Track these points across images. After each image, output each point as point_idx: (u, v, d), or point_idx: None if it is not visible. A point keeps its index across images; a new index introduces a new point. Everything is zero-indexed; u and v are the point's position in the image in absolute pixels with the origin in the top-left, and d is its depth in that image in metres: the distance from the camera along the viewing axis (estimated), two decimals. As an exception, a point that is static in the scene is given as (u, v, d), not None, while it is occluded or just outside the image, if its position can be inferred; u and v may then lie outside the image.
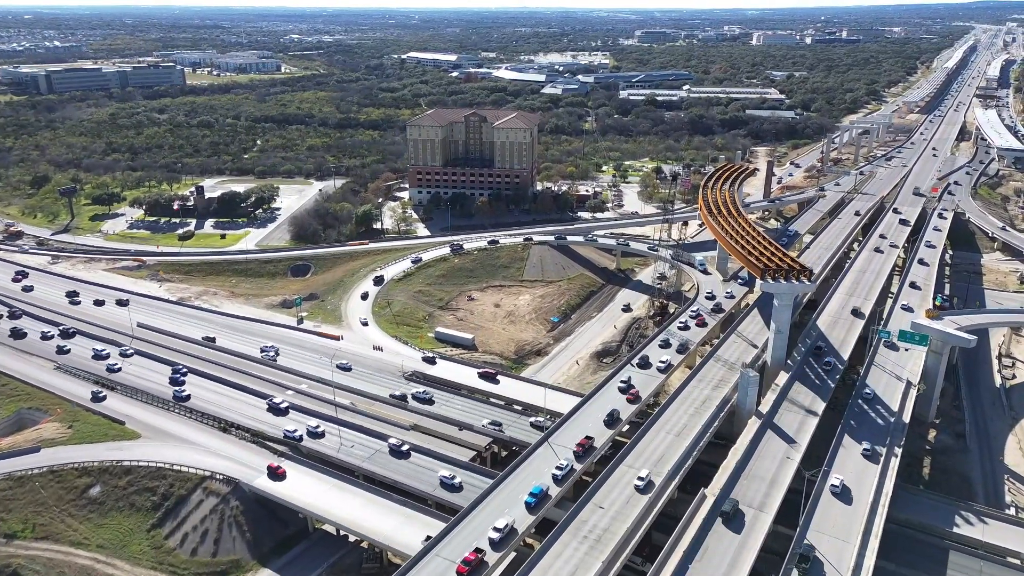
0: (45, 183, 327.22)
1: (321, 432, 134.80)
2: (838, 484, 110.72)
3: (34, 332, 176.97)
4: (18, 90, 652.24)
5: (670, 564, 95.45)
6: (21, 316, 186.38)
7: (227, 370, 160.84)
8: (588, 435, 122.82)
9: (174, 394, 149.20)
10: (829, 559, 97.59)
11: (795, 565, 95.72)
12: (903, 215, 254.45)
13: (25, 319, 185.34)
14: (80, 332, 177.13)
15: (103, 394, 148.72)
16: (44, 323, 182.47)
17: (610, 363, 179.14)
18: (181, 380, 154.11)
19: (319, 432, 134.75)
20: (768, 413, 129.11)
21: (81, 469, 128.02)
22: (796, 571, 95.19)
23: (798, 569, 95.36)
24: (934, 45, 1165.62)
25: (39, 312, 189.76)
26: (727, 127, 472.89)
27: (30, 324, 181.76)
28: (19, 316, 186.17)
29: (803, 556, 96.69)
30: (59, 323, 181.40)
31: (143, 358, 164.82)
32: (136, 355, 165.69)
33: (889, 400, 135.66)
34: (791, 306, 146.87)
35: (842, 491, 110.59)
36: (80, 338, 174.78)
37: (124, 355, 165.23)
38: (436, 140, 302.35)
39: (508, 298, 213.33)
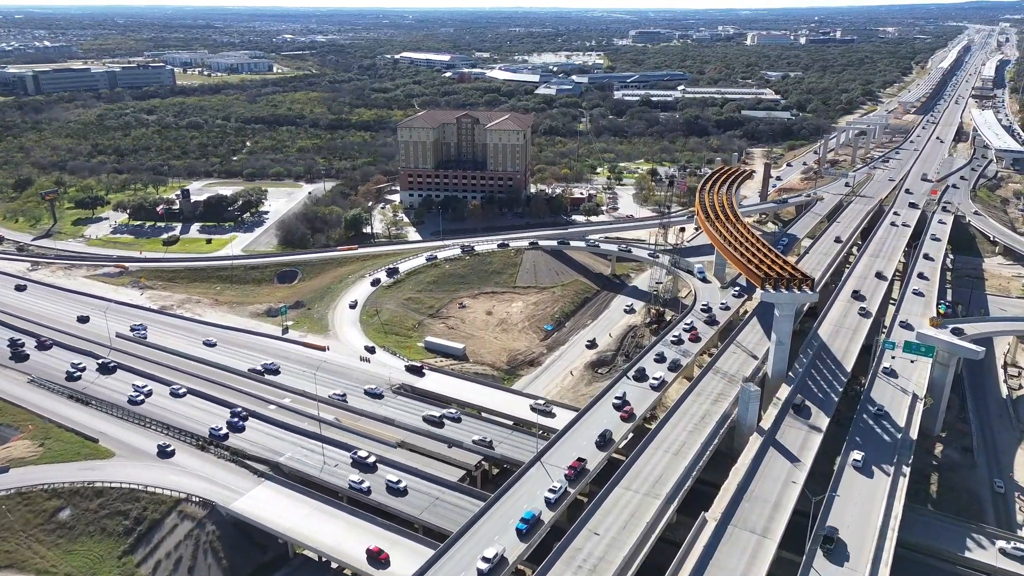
0: (28, 186, 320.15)
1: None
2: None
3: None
4: (5, 91, 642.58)
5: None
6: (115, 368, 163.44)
7: (211, 384, 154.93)
8: (580, 457, 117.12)
9: (130, 399, 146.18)
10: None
11: (819, 546, 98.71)
12: (902, 219, 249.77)
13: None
14: (57, 343, 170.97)
15: (171, 448, 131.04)
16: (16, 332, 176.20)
17: (605, 373, 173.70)
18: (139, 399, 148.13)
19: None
20: (770, 429, 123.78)
21: (51, 491, 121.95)
22: (820, 551, 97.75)
23: (822, 549, 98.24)
24: (928, 45, 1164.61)
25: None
26: (723, 128, 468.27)
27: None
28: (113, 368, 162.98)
29: (827, 537, 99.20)
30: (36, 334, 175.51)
31: (124, 372, 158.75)
32: (119, 368, 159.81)
33: (895, 415, 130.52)
34: (792, 316, 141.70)
35: (846, 521, 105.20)
36: (57, 349, 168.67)
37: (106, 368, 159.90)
38: (428, 142, 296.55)
39: (500, 305, 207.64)
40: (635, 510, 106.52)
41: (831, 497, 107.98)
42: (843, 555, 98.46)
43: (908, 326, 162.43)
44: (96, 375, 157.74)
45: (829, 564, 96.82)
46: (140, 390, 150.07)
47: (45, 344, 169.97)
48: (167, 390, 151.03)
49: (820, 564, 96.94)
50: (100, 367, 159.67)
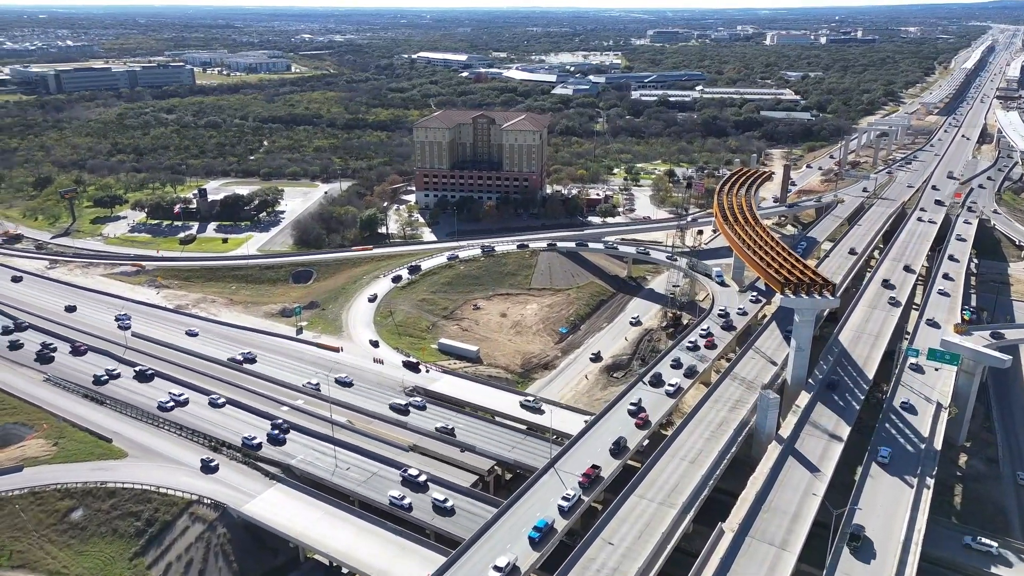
0: (48, 184, 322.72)
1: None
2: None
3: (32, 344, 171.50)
4: (27, 89, 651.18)
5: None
6: (27, 328, 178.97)
7: (223, 384, 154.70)
8: (595, 464, 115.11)
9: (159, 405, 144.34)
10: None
11: (846, 543, 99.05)
12: (926, 222, 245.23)
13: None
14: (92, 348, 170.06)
15: (215, 463, 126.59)
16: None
17: (620, 377, 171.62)
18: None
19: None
20: (789, 438, 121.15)
21: (64, 491, 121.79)
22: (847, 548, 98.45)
23: (848, 547, 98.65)
24: (951, 45, 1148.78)
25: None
26: (741, 129, 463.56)
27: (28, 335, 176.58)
28: (25, 328, 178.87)
29: (853, 535, 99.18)
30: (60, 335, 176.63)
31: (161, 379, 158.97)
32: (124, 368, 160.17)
33: (919, 424, 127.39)
34: (813, 322, 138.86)
35: (869, 531, 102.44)
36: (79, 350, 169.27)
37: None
38: (443, 142, 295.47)
39: (515, 307, 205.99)
40: (650, 519, 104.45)
41: (852, 510, 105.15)
42: (866, 568, 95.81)
43: (935, 323, 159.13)
44: (130, 381, 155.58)
45: None
46: (176, 398, 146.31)
47: (80, 349, 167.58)
48: (204, 399, 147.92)
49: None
50: (137, 374, 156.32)
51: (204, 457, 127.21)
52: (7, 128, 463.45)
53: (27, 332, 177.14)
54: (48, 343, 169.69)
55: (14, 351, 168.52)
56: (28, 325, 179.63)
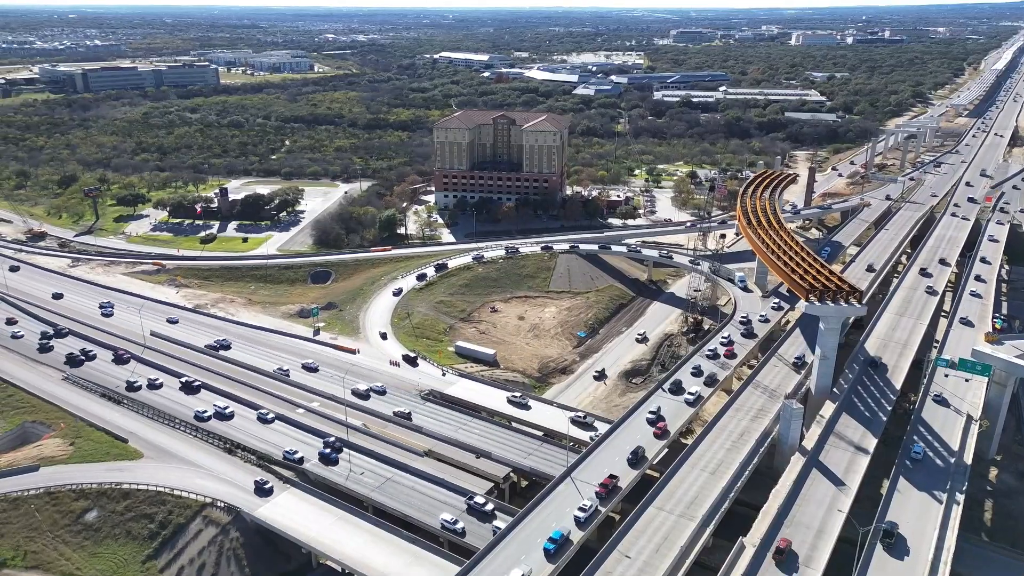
0: (72, 183, 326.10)
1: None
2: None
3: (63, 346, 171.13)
4: (55, 88, 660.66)
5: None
6: (67, 334, 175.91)
7: (238, 384, 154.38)
8: (612, 474, 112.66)
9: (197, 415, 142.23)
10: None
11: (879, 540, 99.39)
12: (955, 226, 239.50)
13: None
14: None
15: (269, 485, 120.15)
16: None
17: (640, 383, 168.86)
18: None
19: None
20: (813, 450, 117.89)
21: (79, 491, 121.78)
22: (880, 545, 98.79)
23: (881, 544, 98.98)
24: (981, 46, 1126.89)
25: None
26: (765, 130, 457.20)
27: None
28: (65, 334, 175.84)
29: (887, 532, 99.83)
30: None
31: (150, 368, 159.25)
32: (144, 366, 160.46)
33: (948, 437, 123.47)
34: (838, 330, 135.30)
35: (897, 544, 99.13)
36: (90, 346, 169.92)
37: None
38: (463, 143, 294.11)
39: (533, 310, 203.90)
40: (669, 532, 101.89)
41: (879, 527, 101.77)
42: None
43: (967, 323, 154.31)
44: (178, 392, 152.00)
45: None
46: (221, 411, 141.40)
47: (123, 357, 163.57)
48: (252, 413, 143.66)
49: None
50: (184, 386, 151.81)
51: (258, 479, 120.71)
52: (34, 127, 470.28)
53: (67, 338, 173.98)
54: (87, 349, 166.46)
55: (44, 353, 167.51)
56: (68, 331, 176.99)
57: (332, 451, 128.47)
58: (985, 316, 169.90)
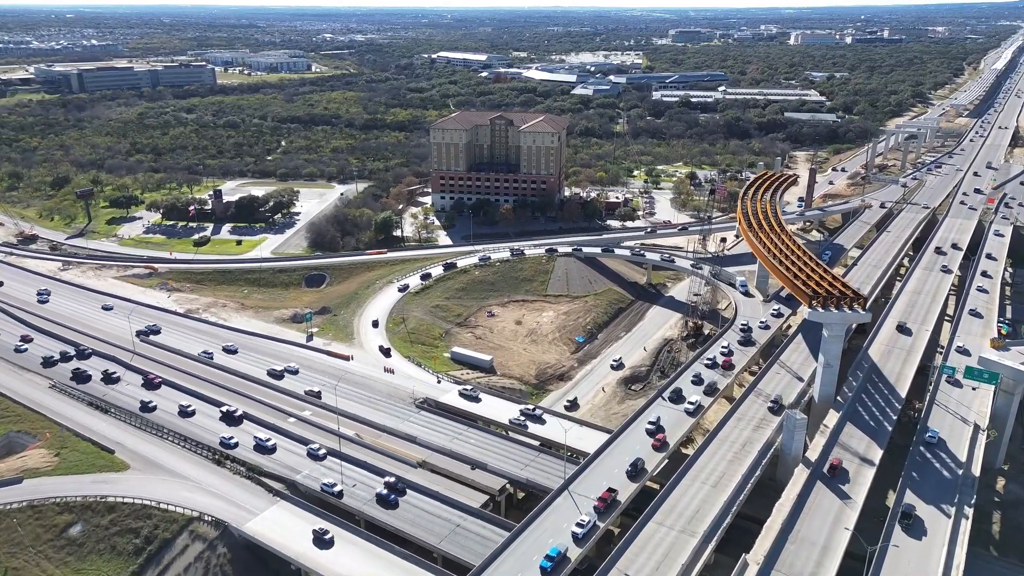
0: (65, 184, 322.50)
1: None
2: None
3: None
4: (51, 88, 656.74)
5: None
6: (91, 355, 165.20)
7: (229, 392, 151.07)
8: (611, 487, 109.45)
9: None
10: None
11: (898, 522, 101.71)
12: (958, 229, 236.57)
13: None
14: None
15: (329, 535, 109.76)
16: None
17: (639, 390, 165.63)
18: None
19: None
20: (817, 461, 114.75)
21: (63, 504, 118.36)
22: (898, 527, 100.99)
23: (900, 525, 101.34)
24: (980, 45, 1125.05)
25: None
26: (765, 131, 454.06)
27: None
28: (88, 355, 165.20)
29: (905, 513, 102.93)
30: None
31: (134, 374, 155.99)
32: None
33: (955, 447, 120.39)
34: (842, 337, 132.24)
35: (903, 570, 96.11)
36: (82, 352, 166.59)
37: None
38: (460, 144, 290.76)
39: (531, 315, 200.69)
40: (669, 549, 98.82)
41: (885, 546, 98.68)
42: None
43: (965, 352, 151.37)
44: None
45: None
46: (263, 443, 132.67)
47: (153, 382, 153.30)
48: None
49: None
50: (225, 415, 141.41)
51: (317, 528, 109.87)
52: (28, 127, 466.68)
53: (92, 359, 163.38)
54: (112, 371, 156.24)
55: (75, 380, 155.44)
56: (91, 351, 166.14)
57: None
58: (990, 322, 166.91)
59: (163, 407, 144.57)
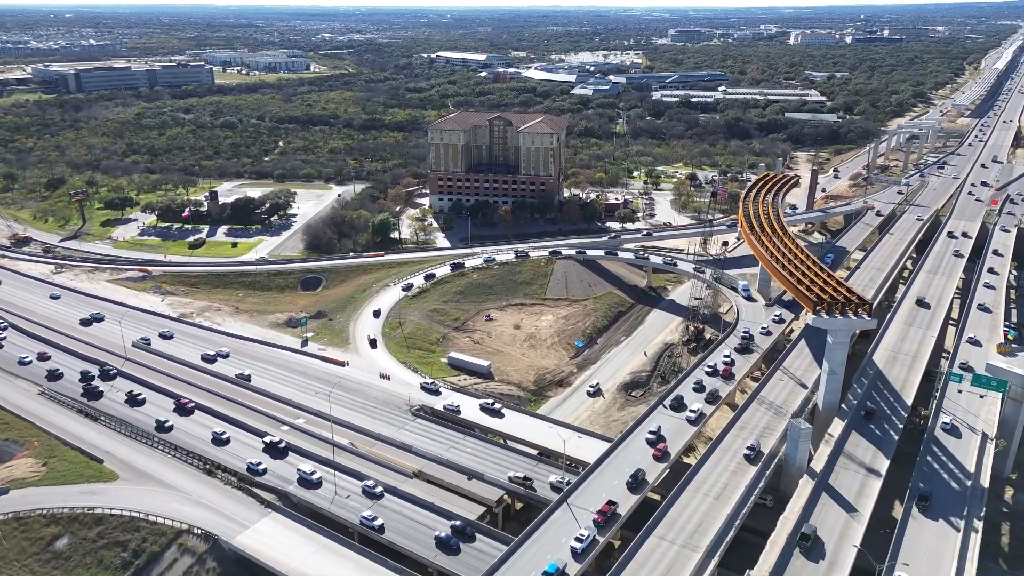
0: (60, 185, 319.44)
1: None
2: None
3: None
4: (48, 88, 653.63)
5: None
6: (116, 375, 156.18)
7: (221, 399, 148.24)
8: (611, 500, 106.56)
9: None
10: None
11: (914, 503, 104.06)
12: (962, 231, 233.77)
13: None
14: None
15: None
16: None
17: (639, 396, 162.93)
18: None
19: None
20: (822, 473, 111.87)
21: (49, 516, 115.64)
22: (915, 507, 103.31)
23: (917, 506, 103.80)
24: (980, 45, 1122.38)
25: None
26: (765, 131, 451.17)
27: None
28: (114, 376, 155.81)
29: (922, 495, 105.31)
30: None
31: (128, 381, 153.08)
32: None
33: (963, 457, 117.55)
34: (847, 344, 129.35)
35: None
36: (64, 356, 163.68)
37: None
38: (459, 145, 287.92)
39: (529, 319, 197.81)
40: (671, 564, 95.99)
41: (892, 565, 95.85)
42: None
43: (976, 342, 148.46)
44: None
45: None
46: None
47: (187, 408, 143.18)
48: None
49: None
50: (269, 447, 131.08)
51: None
52: (24, 128, 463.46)
53: (117, 380, 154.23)
54: (137, 393, 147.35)
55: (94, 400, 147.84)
56: (117, 371, 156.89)
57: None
58: (996, 326, 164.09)
59: (150, 412, 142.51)
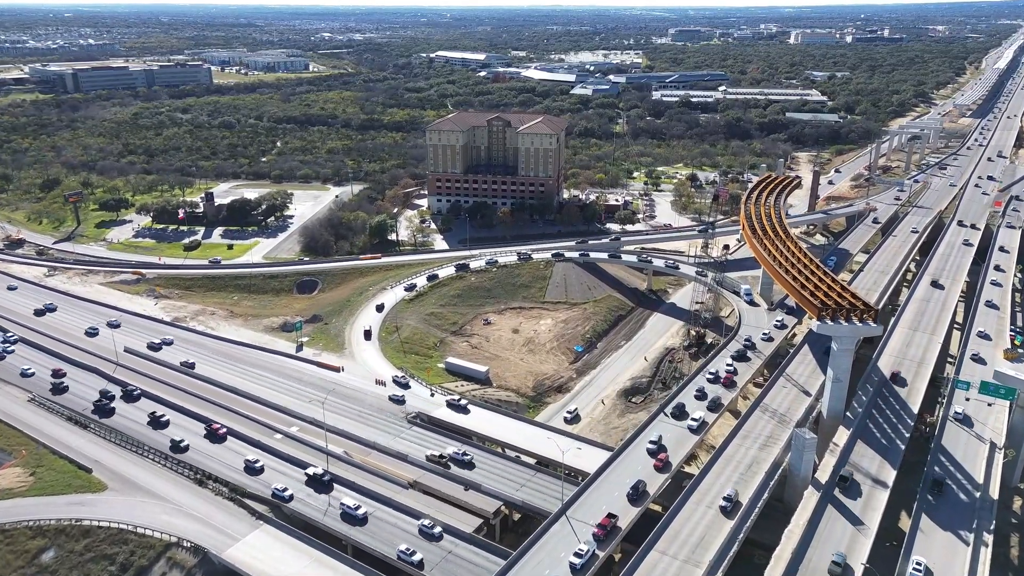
0: (55, 186, 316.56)
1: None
2: None
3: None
4: (45, 88, 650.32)
5: None
6: (139, 396, 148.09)
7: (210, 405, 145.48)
8: (611, 512, 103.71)
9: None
10: None
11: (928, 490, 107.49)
12: (965, 233, 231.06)
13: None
14: None
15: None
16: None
17: (640, 403, 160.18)
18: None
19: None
20: (828, 484, 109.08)
21: (36, 528, 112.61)
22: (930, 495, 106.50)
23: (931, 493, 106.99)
24: (981, 44, 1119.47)
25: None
26: (766, 131, 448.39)
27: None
28: (137, 396, 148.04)
29: (936, 481, 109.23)
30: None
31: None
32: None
33: (971, 468, 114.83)
34: (852, 351, 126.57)
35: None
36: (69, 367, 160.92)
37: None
38: (457, 145, 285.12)
39: (528, 322, 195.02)
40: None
41: (902, 572, 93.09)
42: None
43: (980, 357, 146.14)
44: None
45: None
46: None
47: (217, 432, 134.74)
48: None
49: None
50: (312, 479, 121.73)
51: None
52: (21, 128, 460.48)
53: (140, 401, 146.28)
54: (161, 415, 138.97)
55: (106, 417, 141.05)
56: (140, 392, 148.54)
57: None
58: (1002, 331, 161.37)
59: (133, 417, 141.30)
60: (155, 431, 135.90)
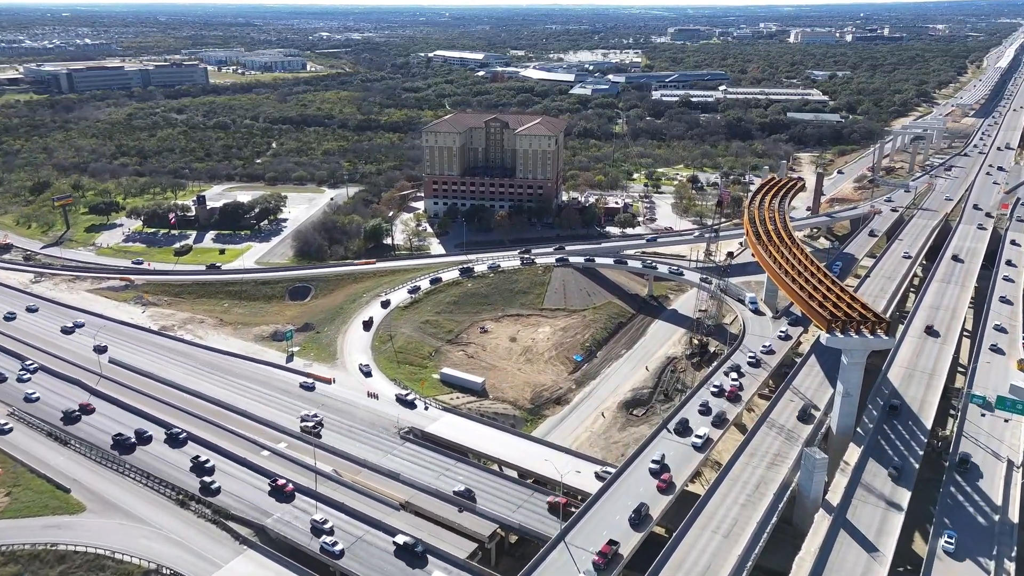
0: (45, 189, 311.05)
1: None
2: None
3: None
4: (40, 88, 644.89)
5: None
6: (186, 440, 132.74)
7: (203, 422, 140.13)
8: (612, 539, 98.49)
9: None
10: None
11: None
12: (973, 237, 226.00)
13: None
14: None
15: None
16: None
17: (641, 415, 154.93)
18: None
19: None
20: (839, 507, 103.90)
21: (8, 554, 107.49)
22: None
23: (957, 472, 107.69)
24: (982, 43, 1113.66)
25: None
26: (767, 131, 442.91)
27: None
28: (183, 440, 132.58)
29: (962, 459, 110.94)
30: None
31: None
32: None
33: (988, 488, 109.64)
34: (863, 365, 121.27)
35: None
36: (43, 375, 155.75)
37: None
38: (454, 147, 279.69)
39: (526, 331, 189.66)
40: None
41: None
42: None
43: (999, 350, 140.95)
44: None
45: None
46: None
47: (283, 488, 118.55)
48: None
49: None
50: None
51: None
52: (13, 129, 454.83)
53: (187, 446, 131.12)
54: (204, 459, 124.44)
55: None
56: (187, 435, 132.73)
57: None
58: (1015, 341, 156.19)
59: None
60: (126, 454, 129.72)
